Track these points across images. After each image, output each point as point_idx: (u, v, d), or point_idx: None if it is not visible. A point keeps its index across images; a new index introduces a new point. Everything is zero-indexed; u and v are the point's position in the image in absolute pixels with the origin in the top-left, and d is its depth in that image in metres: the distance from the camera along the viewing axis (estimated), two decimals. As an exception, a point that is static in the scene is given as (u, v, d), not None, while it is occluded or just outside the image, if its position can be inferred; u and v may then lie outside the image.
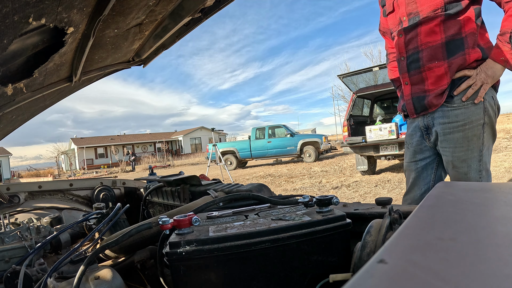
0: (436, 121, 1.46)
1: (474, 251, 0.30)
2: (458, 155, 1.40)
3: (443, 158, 1.49)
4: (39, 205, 1.69)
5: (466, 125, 1.37)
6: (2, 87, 1.03)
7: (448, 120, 1.41)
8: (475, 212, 0.43)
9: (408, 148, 1.63)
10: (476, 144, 1.38)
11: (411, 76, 1.51)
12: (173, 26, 1.25)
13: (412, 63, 1.50)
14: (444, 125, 1.42)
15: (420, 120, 1.53)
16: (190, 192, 1.32)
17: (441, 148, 1.47)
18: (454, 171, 1.44)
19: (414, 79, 1.50)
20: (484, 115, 1.37)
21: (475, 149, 1.38)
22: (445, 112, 1.41)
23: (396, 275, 0.27)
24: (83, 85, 1.74)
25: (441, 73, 1.40)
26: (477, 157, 1.39)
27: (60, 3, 0.77)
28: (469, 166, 1.39)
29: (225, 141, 25.03)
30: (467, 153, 1.38)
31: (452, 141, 1.41)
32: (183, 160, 30.33)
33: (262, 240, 0.63)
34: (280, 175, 9.30)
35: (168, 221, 0.68)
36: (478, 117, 1.36)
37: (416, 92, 1.50)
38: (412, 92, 1.52)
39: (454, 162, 1.42)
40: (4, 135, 2.01)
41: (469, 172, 1.40)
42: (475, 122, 1.37)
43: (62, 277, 0.79)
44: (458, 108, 1.38)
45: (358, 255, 0.59)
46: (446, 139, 1.43)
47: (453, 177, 1.46)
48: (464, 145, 1.38)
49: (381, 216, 0.73)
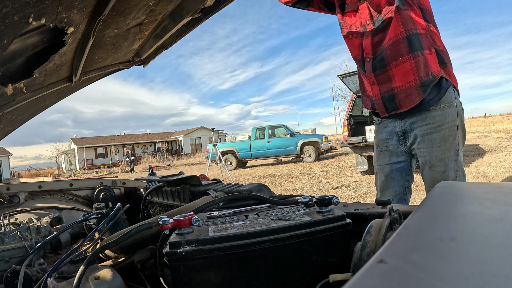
0: (414, 125, 1.51)
1: (474, 251, 0.30)
2: (436, 154, 1.46)
3: (420, 160, 1.53)
4: (39, 205, 1.69)
5: (443, 126, 1.44)
6: (2, 87, 1.03)
7: (426, 122, 1.47)
8: (475, 212, 0.43)
9: (381, 151, 1.68)
10: (452, 144, 1.44)
11: (377, 75, 1.53)
12: (173, 26, 1.25)
13: (378, 63, 1.51)
14: (423, 127, 1.48)
15: (398, 125, 1.58)
16: (190, 192, 1.32)
17: (418, 149, 1.52)
18: (432, 171, 1.48)
19: (381, 79, 1.52)
20: (457, 117, 1.45)
21: (452, 149, 1.45)
22: (422, 115, 1.48)
23: (396, 275, 0.27)
24: (83, 85, 1.74)
25: (407, 69, 1.43)
26: (454, 157, 1.45)
27: (60, 3, 0.77)
28: (447, 165, 1.45)
29: (225, 141, 25.02)
30: (445, 152, 1.44)
31: (430, 142, 1.47)
32: (183, 160, 30.33)
33: (262, 240, 0.63)
34: (280, 175, 9.29)
35: (168, 221, 0.68)
36: (453, 118, 1.44)
37: (385, 91, 1.52)
38: (381, 92, 1.54)
39: (432, 161, 1.47)
40: (4, 135, 2.01)
41: (446, 171, 1.45)
42: (451, 123, 1.44)
43: (62, 277, 0.79)
44: (434, 110, 1.45)
45: (358, 255, 0.59)
46: (424, 140, 1.48)
47: (430, 178, 1.49)
48: (442, 144, 1.44)
49: (381, 216, 0.73)
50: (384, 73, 1.50)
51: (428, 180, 1.51)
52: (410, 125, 1.52)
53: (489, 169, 5.97)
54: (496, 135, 13.41)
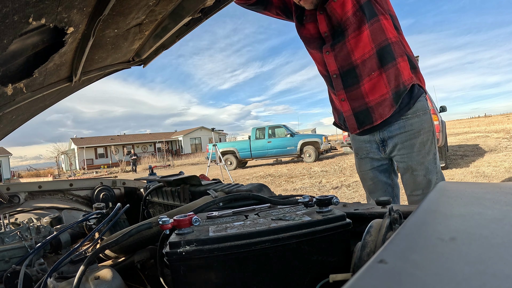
0: (393, 133, 1.52)
1: (474, 251, 0.30)
2: (417, 159, 1.49)
3: (401, 166, 1.56)
4: (39, 205, 1.69)
5: (421, 131, 1.48)
6: (2, 87, 1.03)
7: (405, 130, 1.49)
8: (475, 212, 0.42)
9: (362, 158, 1.70)
10: (430, 148, 1.49)
11: (348, 92, 1.50)
12: (173, 26, 1.25)
13: (348, 80, 1.48)
14: (402, 135, 1.50)
15: (376, 135, 1.58)
16: (190, 192, 1.32)
17: (398, 156, 1.54)
18: (414, 175, 1.51)
19: (352, 95, 1.50)
20: (432, 124, 1.50)
21: (431, 152, 1.49)
22: (400, 123, 1.49)
23: (396, 275, 0.27)
24: (83, 85, 1.74)
25: (380, 83, 1.43)
26: (433, 160, 1.49)
27: (60, 3, 0.77)
28: (427, 168, 1.48)
29: (225, 141, 24.99)
30: (425, 156, 1.48)
31: (410, 147, 1.50)
32: (183, 160, 30.33)
33: (262, 240, 0.63)
34: (280, 175, 9.29)
35: (168, 221, 0.68)
36: (428, 124, 1.49)
37: (357, 106, 1.50)
38: (353, 107, 1.52)
39: (413, 166, 1.50)
40: (4, 135, 2.01)
41: (427, 174, 1.48)
42: (427, 129, 1.48)
43: (62, 277, 0.79)
44: (412, 118, 1.48)
45: (358, 255, 0.59)
46: (404, 146, 1.51)
47: (412, 182, 1.52)
48: (421, 149, 1.48)
49: (381, 216, 0.73)
50: (356, 90, 1.48)
51: (410, 185, 1.53)
52: (389, 133, 1.54)
53: (489, 169, 5.97)
54: (496, 135, 13.42)
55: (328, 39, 1.47)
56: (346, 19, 1.39)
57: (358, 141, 1.67)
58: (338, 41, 1.44)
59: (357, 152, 1.71)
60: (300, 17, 1.56)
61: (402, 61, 1.42)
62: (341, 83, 1.50)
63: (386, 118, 1.46)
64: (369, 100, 1.46)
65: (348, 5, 1.37)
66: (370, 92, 1.45)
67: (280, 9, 1.63)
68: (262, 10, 1.64)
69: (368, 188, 1.72)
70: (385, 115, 1.45)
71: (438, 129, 6.17)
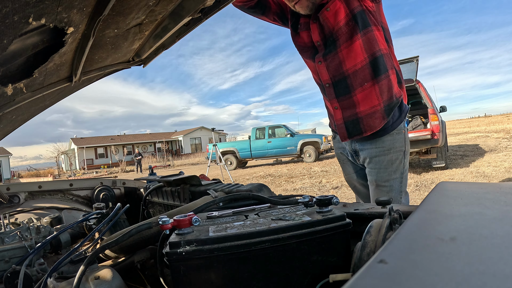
0: (364, 147, 1.55)
1: (474, 251, 0.30)
2: (383, 175, 1.51)
3: (369, 178, 1.58)
4: (39, 205, 1.69)
5: (391, 150, 1.49)
6: (2, 87, 1.03)
7: (375, 146, 1.51)
8: (475, 212, 0.42)
9: (344, 163, 1.75)
10: (398, 167, 1.50)
11: (340, 101, 1.52)
12: (173, 26, 1.25)
13: (340, 89, 1.49)
14: (372, 150, 1.52)
15: (348, 144, 1.61)
16: (190, 192, 1.32)
17: (368, 168, 1.57)
18: (378, 189, 1.53)
19: (345, 104, 1.51)
20: (405, 144, 1.51)
21: (398, 172, 1.50)
22: (372, 139, 1.51)
23: (396, 275, 0.27)
24: (83, 85, 1.74)
25: (372, 94, 1.44)
26: (399, 179, 1.51)
27: (60, 3, 0.76)
28: (391, 186, 1.50)
29: (225, 141, 24.99)
30: (391, 174, 1.50)
31: (378, 163, 1.52)
32: (183, 160, 30.33)
33: (262, 240, 0.63)
34: (280, 175, 9.29)
35: (168, 221, 0.68)
36: (400, 144, 1.50)
37: (348, 115, 1.52)
38: (344, 116, 1.53)
39: (378, 181, 1.52)
40: (4, 135, 2.01)
41: (391, 191, 1.50)
42: (398, 148, 1.49)
43: (62, 277, 0.79)
44: (384, 135, 1.49)
45: (358, 255, 0.59)
46: (373, 161, 1.53)
47: (376, 195, 1.53)
48: (388, 167, 1.50)
49: (381, 216, 0.73)
50: (348, 99, 1.49)
51: (374, 197, 1.55)
52: (360, 146, 1.56)
53: (489, 169, 5.97)
54: (496, 135, 13.42)
55: (320, 48, 1.48)
56: (338, 28, 1.39)
57: (337, 147, 1.73)
58: (329, 51, 1.44)
59: (338, 158, 1.76)
60: (295, 25, 1.56)
61: (392, 74, 1.43)
62: (334, 92, 1.51)
63: (377, 130, 1.46)
64: (359, 111, 1.47)
65: (341, 15, 1.37)
66: (362, 102, 1.46)
67: (277, 15, 1.64)
68: (260, 14, 1.65)
69: (357, 190, 1.76)
70: (375, 127, 1.46)
71: (438, 129, 6.17)
